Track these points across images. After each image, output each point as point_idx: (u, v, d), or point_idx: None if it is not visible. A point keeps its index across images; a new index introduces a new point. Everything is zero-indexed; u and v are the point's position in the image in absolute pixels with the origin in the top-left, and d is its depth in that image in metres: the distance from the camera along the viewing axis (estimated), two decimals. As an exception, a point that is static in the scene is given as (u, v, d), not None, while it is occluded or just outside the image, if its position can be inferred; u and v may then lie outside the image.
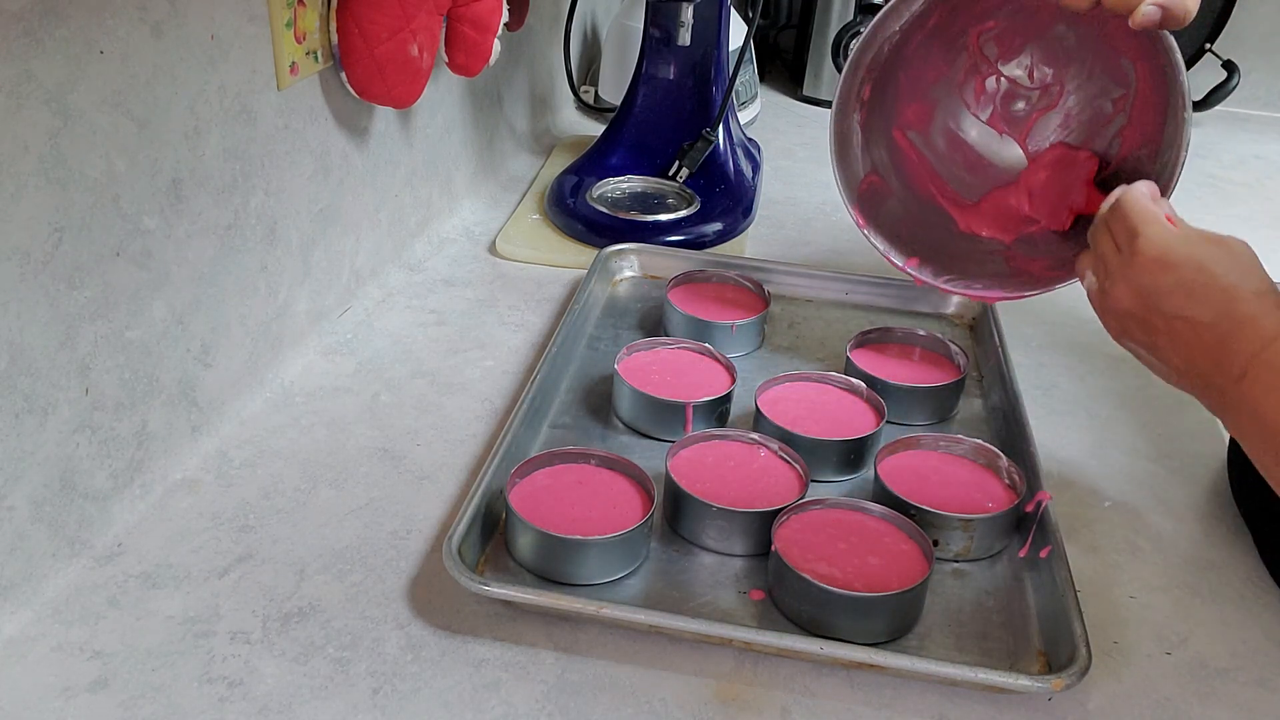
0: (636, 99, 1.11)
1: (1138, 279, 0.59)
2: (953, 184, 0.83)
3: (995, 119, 0.82)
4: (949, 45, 0.80)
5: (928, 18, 0.77)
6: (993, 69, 0.80)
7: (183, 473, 0.69)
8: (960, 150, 0.83)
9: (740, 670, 0.58)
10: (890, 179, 0.82)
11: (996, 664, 0.57)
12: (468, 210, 1.10)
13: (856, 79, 0.78)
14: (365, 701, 0.54)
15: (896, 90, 0.81)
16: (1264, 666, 0.60)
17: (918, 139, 0.83)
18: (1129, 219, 0.61)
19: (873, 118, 0.81)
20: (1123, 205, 0.62)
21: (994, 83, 0.81)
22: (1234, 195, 1.28)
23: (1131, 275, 0.59)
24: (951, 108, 0.83)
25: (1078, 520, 0.70)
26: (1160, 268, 0.58)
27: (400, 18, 0.79)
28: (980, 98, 0.82)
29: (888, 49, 0.77)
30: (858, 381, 0.77)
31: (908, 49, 0.79)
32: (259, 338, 0.77)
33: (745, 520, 0.64)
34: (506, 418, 0.75)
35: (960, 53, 0.80)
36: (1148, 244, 0.59)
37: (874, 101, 0.80)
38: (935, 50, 0.80)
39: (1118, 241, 0.62)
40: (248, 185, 0.73)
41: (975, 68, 0.81)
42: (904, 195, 0.83)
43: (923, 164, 0.83)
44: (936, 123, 0.83)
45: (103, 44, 0.57)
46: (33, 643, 0.56)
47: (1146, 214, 0.60)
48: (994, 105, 0.82)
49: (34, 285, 0.55)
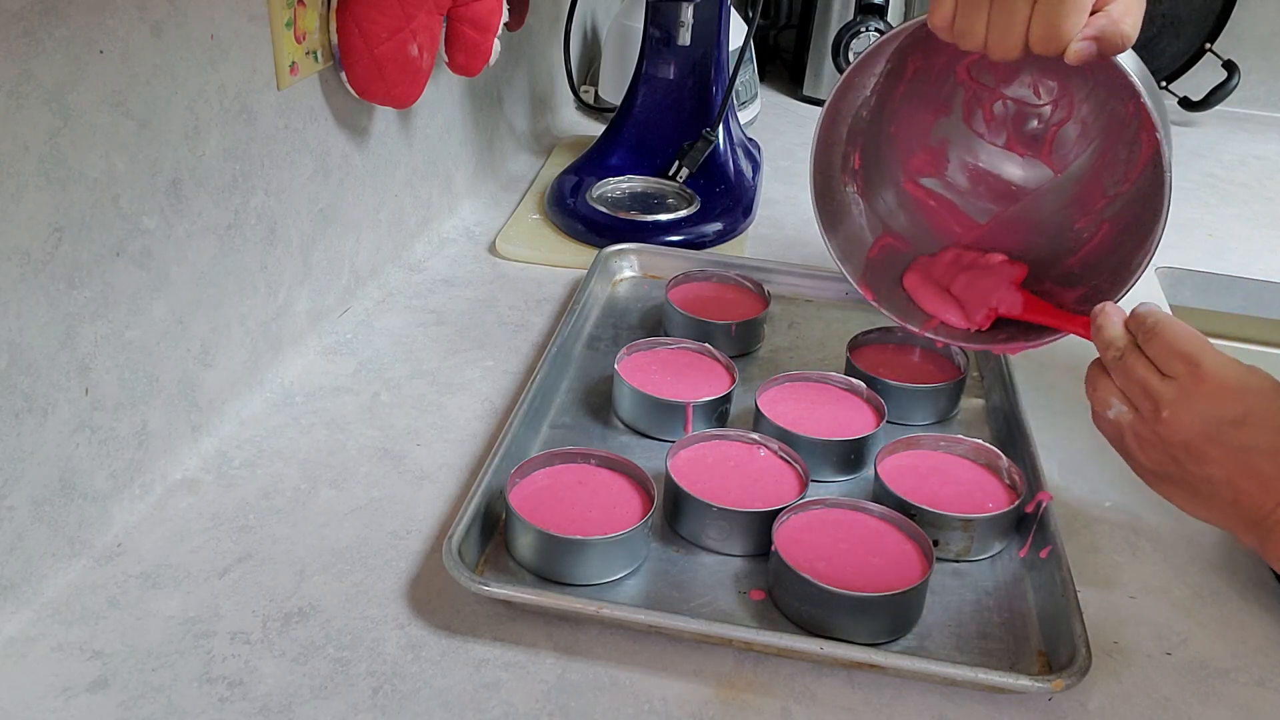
0: (636, 99, 1.11)
1: (1203, 409, 0.56)
2: (982, 218, 0.81)
3: (1012, 142, 0.80)
4: (938, 86, 0.79)
5: (903, 71, 0.76)
6: (996, 94, 0.79)
7: (183, 473, 0.69)
8: (984, 182, 0.81)
9: (740, 670, 0.58)
10: (909, 233, 0.81)
11: (996, 664, 0.57)
12: (468, 210, 1.10)
13: (837, 154, 0.77)
14: (365, 701, 0.54)
15: (893, 147, 0.80)
16: (1264, 666, 0.60)
17: (935, 184, 0.82)
18: (1181, 346, 0.57)
19: (872, 181, 0.80)
20: (1169, 332, 0.58)
21: (1001, 107, 0.79)
22: (1234, 195, 1.27)
23: (1196, 405, 0.56)
24: (964, 143, 0.81)
25: (1078, 520, 0.70)
26: (1228, 396, 0.56)
27: (400, 18, 0.79)
28: (991, 124, 0.80)
29: (866, 114, 0.77)
30: (858, 381, 0.77)
31: (890, 104, 0.77)
32: (259, 338, 0.77)
33: (745, 520, 0.64)
34: (506, 418, 0.75)
35: (955, 89, 0.79)
36: (1213, 372, 0.56)
37: (868, 166, 0.79)
38: (924, 95, 0.78)
39: (1165, 369, 0.58)
40: (248, 185, 0.72)
41: (977, 98, 0.79)
42: (928, 245, 0.81)
43: (946, 207, 0.82)
44: (952, 163, 0.81)
45: (102, 44, 0.57)
46: (33, 643, 0.56)
47: (1200, 340, 0.58)
48: (1007, 129, 0.80)
49: (34, 285, 0.55)
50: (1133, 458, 0.61)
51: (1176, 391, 0.57)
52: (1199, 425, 0.57)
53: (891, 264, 0.80)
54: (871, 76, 0.75)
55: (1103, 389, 0.62)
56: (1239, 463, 0.56)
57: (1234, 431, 0.56)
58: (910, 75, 0.77)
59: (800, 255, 1.05)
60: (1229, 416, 0.56)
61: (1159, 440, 0.58)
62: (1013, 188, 0.81)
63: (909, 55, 0.75)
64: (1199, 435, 0.57)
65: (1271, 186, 1.32)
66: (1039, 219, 0.79)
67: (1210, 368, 0.57)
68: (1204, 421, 0.56)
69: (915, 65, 0.76)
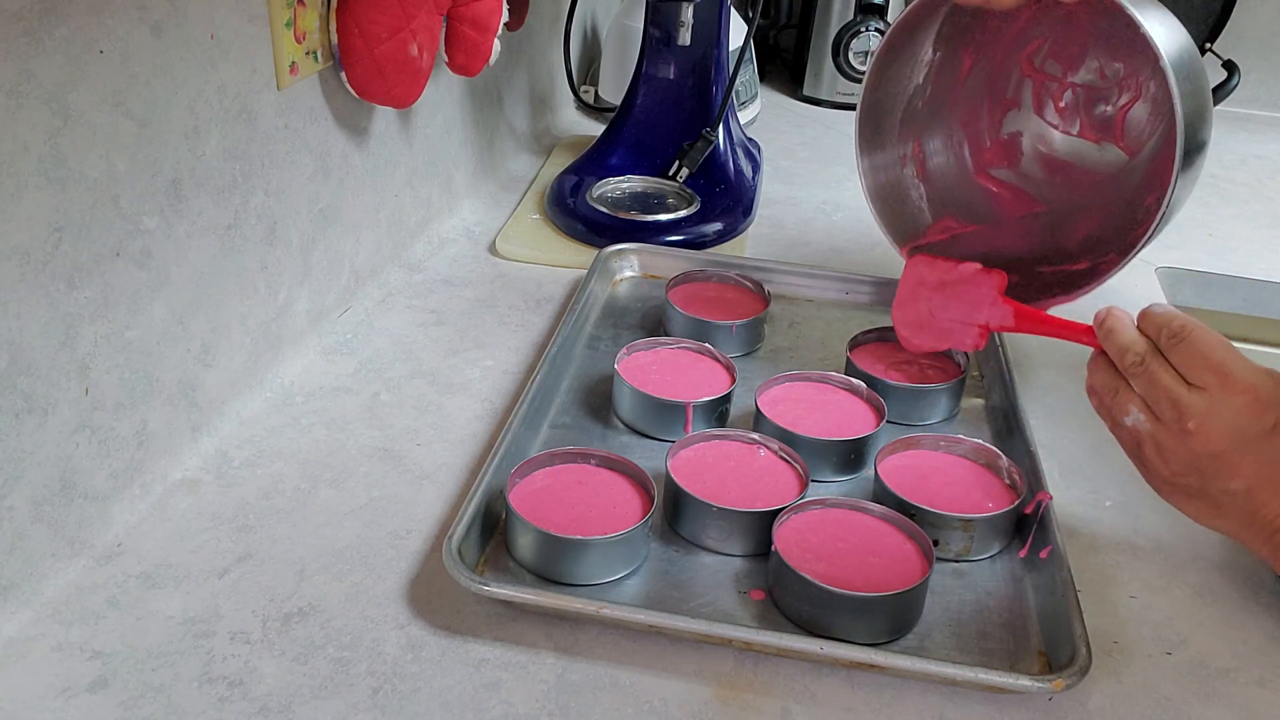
0: (636, 99, 1.11)
1: (1235, 420, 0.55)
2: (1059, 207, 0.81)
3: (1085, 130, 0.80)
4: (1002, 81, 0.80)
5: (959, 65, 0.76)
6: (1064, 83, 0.79)
7: (183, 473, 0.69)
8: (1061, 171, 0.82)
9: (740, 670, 0.58)
10: (974, 217, 0.82)
11: (996, 664, 0.57)
12: (468, 210, 1.10)
13: (892, 139, 0.78)
14: (365, 701, 0.54)
15: (961, 140, 0.81)
16: (1264, 666, 0.60)
17: (1008, 175, 0.82)
18: (1211, 355, 0.56)
19: (935, 168, 0.81)
20: (1200, 341, 0.57)
21: (1071, 95, 0.79)
22: (1234, 195, 1.27)
23: (1228, 417, 0.55)
24: (1038, 134, 0.81)
25: (1078, 520, 0.70)
26: (1262, 407, 0.55)
27: (400, 18, 0.79)
28: (1064, 114, 0.80)
29: (922, 104, 0.77)
30: (858, 381, 0.77)
31: (953, 99, 0.78)
32: (259, 338, 0.77)
33: (745, 520, 0.64)
34: (506, 418, 0.75)
35: (1023, 83, 0.80)
36: (1244, 382, 0.55)
37: (930, 155, 0.80)
38: (989, 90, 0.80)
39: (1193, 380, 0.56)
40: (248, 185, 0.72)
41: (1046, 89, 0.80)
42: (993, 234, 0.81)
43: (1014, 194, 0.82)
44: (1026, 154, 0.82)
45: (102, 43, 0.57)
46: (33, 643, 0.56)
47: (1228, 348, 0.56)
48: (1079, 117, 0.80)
49: (34, 285, 0.55)
50: (1150, 467, 0.60)
51: (1206, 402, 0.56)
52: (1231, 437, 0.55)
53: (949, 245, 0.80)
54: (920, 65, 0.75)
55: (1122, 396, 0.60)
56: (1266, 475, 0.55)
57: (1264, 443, 0.55)
58: (969, 71, 0.77)
59: (800, 255, 1.05)
60: (1262, 426, 0.55)
61: (1186, 452, 0.57)
62: (1087, 174, 0.81)
63: (960, 49, 0.76)
64: (1230, 447, 0.55)
65: (1271, 186, 1.32)
66: (1110, 198, 0.79)
67: (1241, 377, 0.55)
68: (1236, 432, 0.55)
69: (970, 60, 0.77)
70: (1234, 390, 0.55)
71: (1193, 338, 0.57)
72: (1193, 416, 0.56)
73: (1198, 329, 0.57)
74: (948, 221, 0.81)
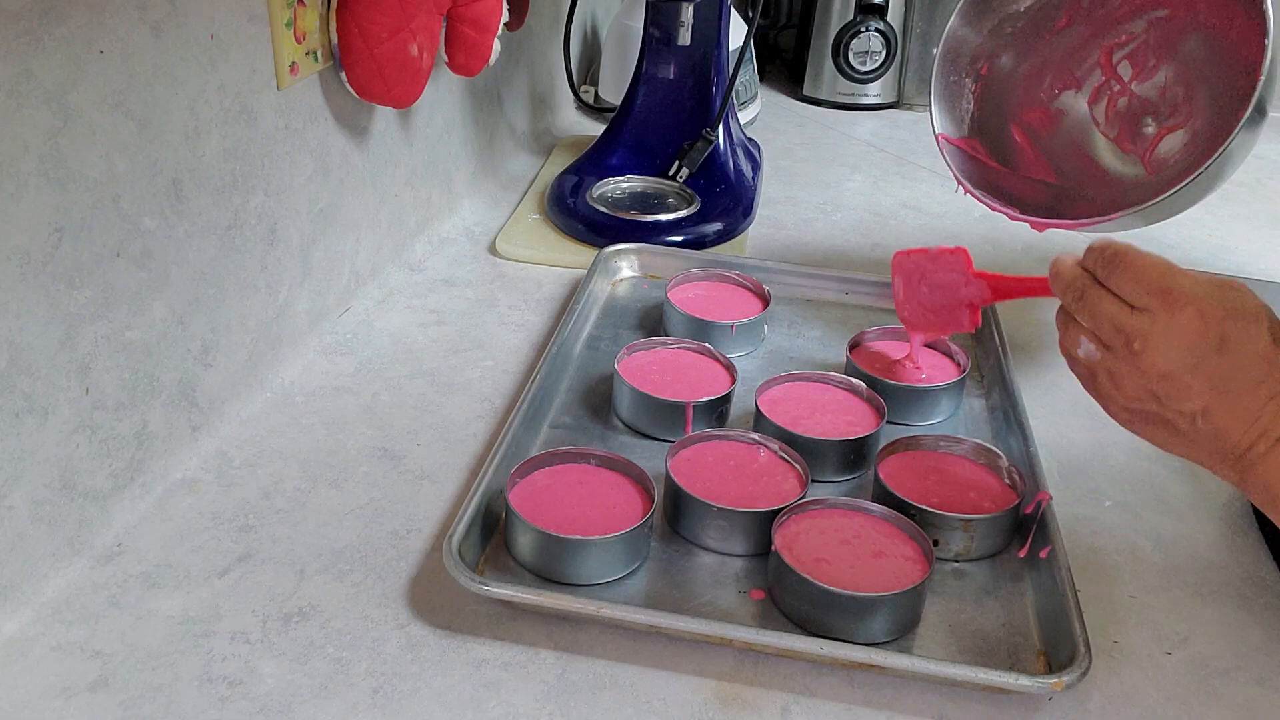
0: (636, 99, 1.11)
1: (1182, 339, 0.54)
2: (1069, 186, 0.84)
3: (1122, 137, 0.82)
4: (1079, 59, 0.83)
5: (1055, 20, 0.79)
6: (1126, 89, 0.80)
7: (183, 473, 0.69)
8: (1079, 160, 0.84)
9: (740, 670, 0.58)
10: (992, 152, 0.84)
11: (996, 664, 0.57)
12: (468, 210, 1.10)
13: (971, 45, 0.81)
14: (365, 701, 0.54)
15: (1019, 85, 0.83)
16: (1264, 666, 0.60)
17: (1037, 138, 0.84)
18: (1149, 277, 0.55)
19: (989, 95, 0.83)
20: (1134, 265, 0.56)
21: (1126, 103, 0.81)
22: (1234, 195, 1.27)
23: (1174, 335, 0.54)
24: (1078, 122, 0.84)
25: (1078, 520, 0.70)
26: (1207, 322, 0.53)
27: (400, 18, 0.79)
28: (1110, 116, 0.82)
29: (1011, 31, 0.79)
30: (858, 381, 0.77)
31: (1036, 46, 0.81)
32: (259, 338, 0.77)
33: (745, 520, 0.64)
34: (506, 418, 0.75)
35: (1093, 70, 0.82)
36: (1188, 297, 0.54)
37: (991, 80, 0.82)
38: (1063, 61, 0.82)
39: (1135, 303, 0.55)
40: (248, 185, 0.72)
41: (1109, 87, 0.82)
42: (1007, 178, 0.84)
43: (1039, 161, 0.84)
44: (1060, 132, 0.84)
45: (103, 43, 0.57)
46: (33, 643, 0.56)
47: (1167, 266, 0.55)
48: (1121, 125, 0.82)
49: (34, 285, 0.55)
50: (1108, 398, 0.59)
51: (1149, 323, 0.55)
52: (1179, 355, 0.54)
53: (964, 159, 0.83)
54: None
55: (1071, 330, 0.60)
56: (1220, 394, 0.54)
57: (1216, 359, 0.53)
58: (1058, 30, 0.80)
59: (800, 255, 1.05)
60: (1209, 343, 0.53)
61: (1136, 374, 0.56)
62: (1104, 174, 0.82)
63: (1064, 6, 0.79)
64: (1180, 366, 0.54)
65: (1271, 186, 1.32)
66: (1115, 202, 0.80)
67: (1184, 293, 0.54)
68: (1184, 351, 0.54)
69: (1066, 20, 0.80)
70: (1177, 308, 0.54)
71: (1127, 262, 0.56)
72: (1137, 338, 0.55)
73: (1132, 253, 0.56)
74: (975, 142, 0.83)
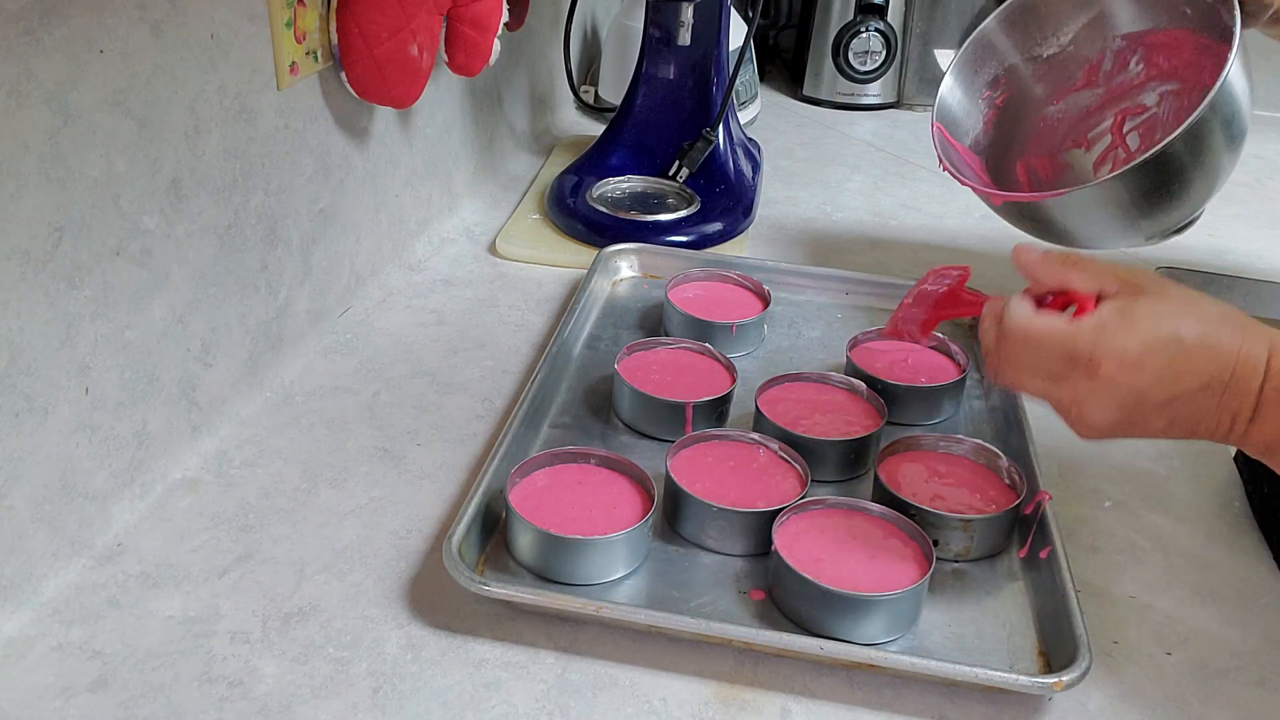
0: (636, 99, 1.11)
1: (1115, 396, 0.53)
2: None
3: None
4: (1093, 118, 0.84)
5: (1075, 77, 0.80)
6: (1131, 156, 0.81)
7: (183, 473, 0.69)
8: None
9: (740, 670, 0.58)
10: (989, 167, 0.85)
11: (996, 664, 0.57)
12: (468, 210, 1.10)
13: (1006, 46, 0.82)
14: (365, 701, 0.54)
15: (1034, 126, 0.85)
16: (1264, 666, 0.60)
17: (1038, 182, 0.86)
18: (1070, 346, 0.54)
19: (1003, 122, 0.84)
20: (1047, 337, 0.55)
21: (1123, 154, 0.84)
22: (1234, 195, 1.27)
23: (1106, 396, 0.53)
24: (1077, 178, 0.85)
25: (1078, 520, 0.70)
26: (1133, 371, 0.53)
27: (400, 18, 0.79)
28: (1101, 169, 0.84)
29: (1032, 71, 0.80)
30: (858, 381, 0.77)
31: (1056, 91, 0.82)
32: (259, 337, 0.77)
33: (745, 520, 0.64)
34: (506, 418, 0.75)
35: (1104, 136, 0.83)
36: (1107, 357, 0.53)
37: (1009, 108, 0.83)
38: (1076, 118, 0.84)
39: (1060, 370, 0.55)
40: (248, 185, 0.72)
41: (1114, 153, 0.84)
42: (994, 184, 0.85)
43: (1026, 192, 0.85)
44: (1062, 182, 0.84)
45: (103, 43, 0.57)
46: (33, 643, 0.56)
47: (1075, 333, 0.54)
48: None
49: (34, 285, 0.55)
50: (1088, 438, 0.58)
51: (1083, 391, 0.54)
52: (1121, 410, 0.54)
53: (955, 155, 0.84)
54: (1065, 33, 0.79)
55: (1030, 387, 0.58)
56: (1177, 410, 0.53)
57: (1153, 396, 0.53)
58: (1077, 89, 0.81)
59: (800, 255, 1.05)
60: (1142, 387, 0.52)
61: (1096, 429, 0.55)
62: None
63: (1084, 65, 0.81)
64: (1126, 417, 0.54)
65: (1271, 186, 1.32)
66: None
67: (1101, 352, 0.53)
68: (1123, 406, 0.54)
69: (1085, 81, 0.82)
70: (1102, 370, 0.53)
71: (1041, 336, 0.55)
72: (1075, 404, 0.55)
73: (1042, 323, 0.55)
74: (974, 158, 0.84)
